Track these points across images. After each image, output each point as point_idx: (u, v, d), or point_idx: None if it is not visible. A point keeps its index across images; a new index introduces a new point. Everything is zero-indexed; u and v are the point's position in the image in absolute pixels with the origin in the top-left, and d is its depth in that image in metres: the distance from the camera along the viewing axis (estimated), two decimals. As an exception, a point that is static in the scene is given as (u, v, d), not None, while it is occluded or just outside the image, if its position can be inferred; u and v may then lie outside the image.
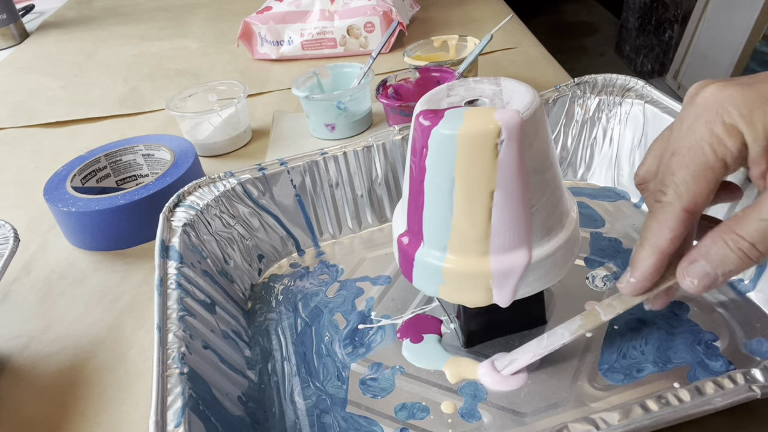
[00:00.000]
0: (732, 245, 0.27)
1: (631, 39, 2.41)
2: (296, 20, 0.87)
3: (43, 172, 0.68)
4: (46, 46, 1.10)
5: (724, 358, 0.37)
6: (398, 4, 0.90)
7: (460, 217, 0.33)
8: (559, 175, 0.35)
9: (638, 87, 0.52)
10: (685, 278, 0.29)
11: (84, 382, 0.42)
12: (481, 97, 0.35)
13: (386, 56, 0.87)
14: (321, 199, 0.50)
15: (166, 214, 0.44)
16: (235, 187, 0.47)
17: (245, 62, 0.92)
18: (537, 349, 0.36)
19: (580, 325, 0.35)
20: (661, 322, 0.40)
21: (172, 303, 0.36)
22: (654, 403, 0.29)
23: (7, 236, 0.43)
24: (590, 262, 0.46)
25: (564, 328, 0.36)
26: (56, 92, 0.90)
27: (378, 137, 0.50)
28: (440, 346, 0.40)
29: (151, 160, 0.61)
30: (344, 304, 0.45)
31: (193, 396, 0.31)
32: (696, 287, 0.29)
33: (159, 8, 1.24)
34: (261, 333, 0.44)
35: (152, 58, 0.99)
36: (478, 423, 0.35)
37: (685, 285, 0.29)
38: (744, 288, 0.41)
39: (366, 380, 0.39)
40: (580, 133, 0.54)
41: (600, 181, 0.54)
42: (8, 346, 0.46)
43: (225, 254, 0.46)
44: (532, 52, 0.85)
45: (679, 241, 0.29)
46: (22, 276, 0.53)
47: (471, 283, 0.35)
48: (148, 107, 0.82)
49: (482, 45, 0.64)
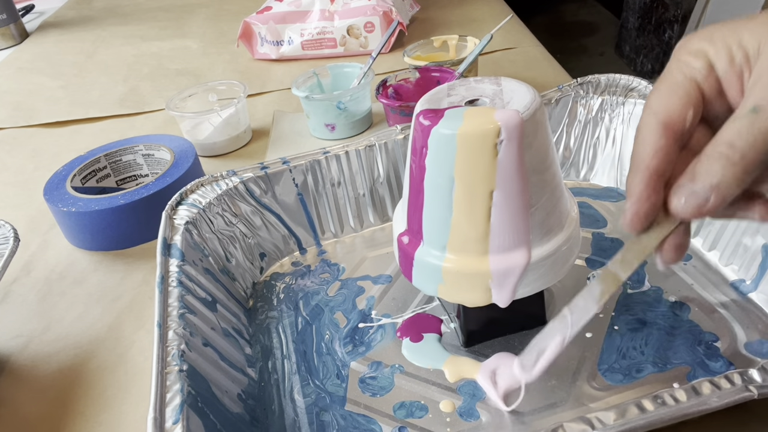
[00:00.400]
0: (711, 153, 0.27)
1: (631, 39, 2.41)
2: (296, 20, 0.87)
3: (43, 172, 0.68)
4: (46, 46, 1.10)
5: (724, 359, 0.37)
6: (398, 4, 0.90)
7: (460, 216, 0.33)
8: (559, 174, 0.35)
9: (641, 87, 0.52)
10: (672, 199, 0.28)
11: (84, 382, 0.42)
12: (481, 97, 0.35)
13: (386, 56, 0.87)
14: (323, 197, 0.50)
15: (169, 212, 0.44)
16: (238, 185, 0.47)
17: (245, 62, 0.92)
18: (565, 330, 0.32)
19: (602, 291, 0.31)
20: (662, 322, 0.40)
21: (173, 300, 0.36)
22: (650, 402, 0.29)
23: (7, 236, 0.43)
24: (591, 262, 0.46)
25: (585, 299, 0.31)
26: (56, 92, 0.90)
27: (380, 136, 0.50)
28: (440, 346, 0.40)
29: (151, 160, 0.61)
30: (345, 303, 0.45)
31: (192, 393, 0.31)
32: (684, 206, 0.27)
33: (159, 8, 1.24)
34: (262, 331, 0.44)
35: (152, 58, 0.99)
36: (477, 422, 0.35)
37: (673, 206, 0.28)
38: (745, 288, 0.41)
39: (365, 379, 0.39)
40: (583, 133, 0.54)
41: (603, 182, 0.54)
42: (8, 346, 0.46)
43: (227, 252, 0.46)
44: (532, 52, 0.85)
45: (663, 156, 0.28)
46: (22, 276, 0.53)
47: (470, 282, 0.35)
48: (148, 107, 0.82)
49: (482, 45, 0.64)
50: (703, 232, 0.45)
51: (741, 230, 0.42)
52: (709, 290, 0.42)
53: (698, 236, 0.45)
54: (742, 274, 0.42)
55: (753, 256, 0.41)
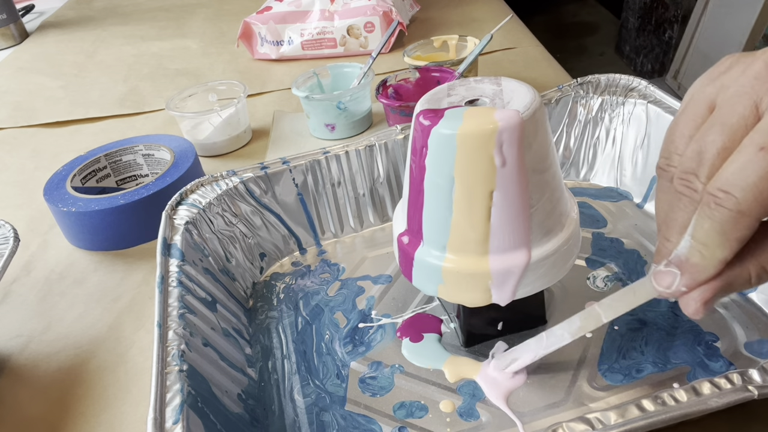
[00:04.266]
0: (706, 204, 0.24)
1: (631, 39, 2.41)
2: (296, 20, 0.87)
3: (43, 172, 0.68)
4: (46, 46, 1.10)
5: (724, 359, 0.37)
6: (398, 4, 0.90)
7: (460, 216, 0.33)
8: (559, 174, 0.35)
9: (641, 87, 0.52)
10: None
11: (84, 382, 0.42)
12: (481, 97, 0.35)
13: (386, 56, 0.87)
14: (323, 197, 0.50)
15: (169, 212, 0.44)
16: (238, 185, 0.47)
17: (245, 62, 0.92)
18: (537, 350, 0.35)
19: (580, 327, 0.34)
20: (662, 322, 0.40)
21: (172, 300, 0.36)
22: (650, 403, 0.29)
23: (7, 236, 0.43)
24: (591, 262, 0.46)
25: (563, 329, 0.34)
26: (56, 92, 0.90)
27: (380, 136, 0.50)
28: (440, 346, 0.40)
29: (151, 160, 0.61)
30: (345, 303, 0.45)
31: (192, 393, 0.31)
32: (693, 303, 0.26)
33: (159, 8, 1.24)
34: (262, 331, 0.44)
35: (152, 58, 0.99)
36: (477, 422, 0.35)
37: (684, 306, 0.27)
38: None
39: (365, 379, 0.39)
40: (583, 133, 0.54)
41: (603, 182, 0.54)
42: (8, 346, 0.46)
43: (227, 252, 0.46)
44: (532, 52, 0.85)
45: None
46: (22, 276, 0.53)
47: (470, 282, 0.35)
48: (148, 107, 0.82)
49: (482, 45, 0.64)
50: (703, 232, 0.45)
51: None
52: (709, 290, 0.42)
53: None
54: (742, 274, 0.42)
55: (753, 256, 0.41)
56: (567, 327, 0.34)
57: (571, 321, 0.34)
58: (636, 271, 0.44)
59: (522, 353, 0.36)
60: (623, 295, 0.32)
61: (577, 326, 0.34)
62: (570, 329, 0.34)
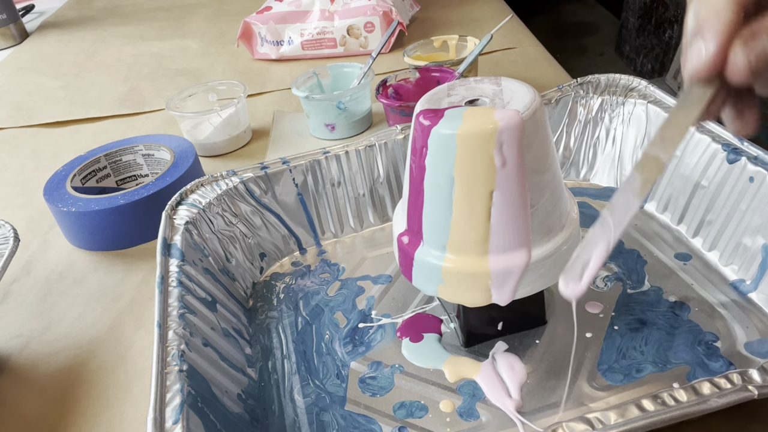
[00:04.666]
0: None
1: (631, 39, 2.41)
2: (296, 20, 0.87)
3: (43, 172, 0.68)
4: (46, 46, 1.10)
5: (724, 359, 0.37)
6: (398, 4, 0.90)
7: (460, 216, 0.33)
8: (559, 174, 0.35)
9: (641, 87, 0.52)
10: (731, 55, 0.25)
11: (84, 382, 0.42)
12: (481, 97, 0.35)
13: (386, 56, 0.87)
14: (323, 197, 0.50)
15: (169, 212, 0.44)
16: (238, 185, 0.47)
17: (245, 62, 0.92)
18: (607, 235, 0.28)
19: (644, 181, 0.27)
20: (662, 322, 0.40)
21: (172, 300, 0.36)
22: (650, 402, 0.29)
23: (7, 236, 0.43)
24: (590, 261, 0.46)
25: (624, 194, 0.27)
26: (56, 92, 0.90)
27: (380, 136, 0.50)
28: (440, 346, 0.40)
29: (151, 160, 0.61)
30: (345, 303, 0.45)
31: (192, 393, 0.31)
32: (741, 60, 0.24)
33: (159, 8, 1.24)
34: (262, 331, 0.44)
35: (152, 58, 0.99)
36: (477, 422, 0.35)
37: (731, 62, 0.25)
38: (745, 288, 0.41)
39: (365, 379, 0.39)
40: (583, 132, 0.54)
41: (603, 181, 0.54)
42: (8, 346, 0.46)
43: (227, 252, 0.46)
44: (532, 52, 0.85)
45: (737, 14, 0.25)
46: (22, 276, 0.53)
47: (470, 282, 0.35)
48: (148, 107, 0.82)
49: (482, 45, 0.64)
50: (703, 232, 0.45)
51: (741, 230, 0.42)
52: (709, 290, 0.42)
53: (698, 236, 0.45)
54: (742, 274, 0.42)
55: (753, 256, 0.41)
56: (628, 190, 0.27)
57: (629, 181, 0.28)
58: (636, 271, 0.44)
59: (590, 252, 0.28)
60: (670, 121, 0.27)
61: (639, 182, 0.27)
62: (633, 190, 0.27)
